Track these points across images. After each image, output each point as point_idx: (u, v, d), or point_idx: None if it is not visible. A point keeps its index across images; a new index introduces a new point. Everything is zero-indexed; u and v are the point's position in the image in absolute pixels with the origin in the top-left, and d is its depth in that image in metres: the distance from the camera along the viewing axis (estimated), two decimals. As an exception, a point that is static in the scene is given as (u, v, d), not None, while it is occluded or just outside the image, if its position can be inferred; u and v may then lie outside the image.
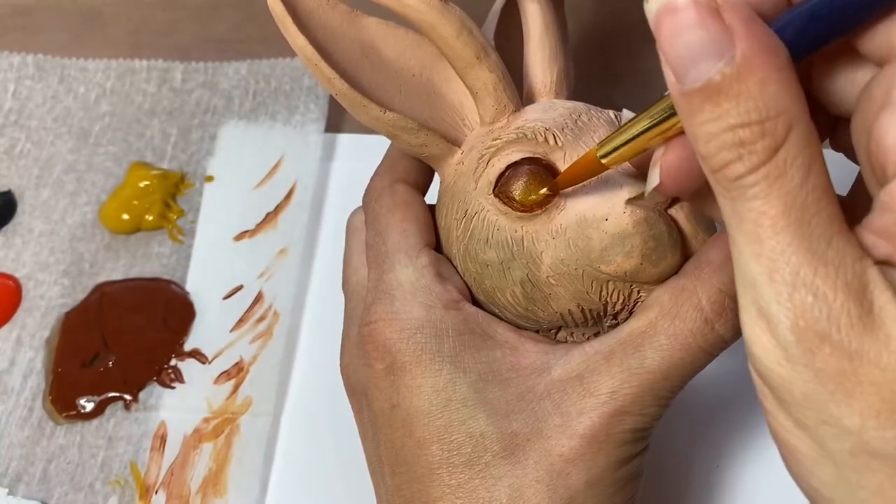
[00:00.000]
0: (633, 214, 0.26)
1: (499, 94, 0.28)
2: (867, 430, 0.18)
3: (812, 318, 0.18)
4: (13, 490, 0.38)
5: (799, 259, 0.18)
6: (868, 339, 0.18)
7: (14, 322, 0.42)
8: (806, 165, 0.18)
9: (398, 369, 0.27)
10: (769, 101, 0.18)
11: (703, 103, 0.18)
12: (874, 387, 0.18)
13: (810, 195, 0.18)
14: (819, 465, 0.19)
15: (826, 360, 0.18)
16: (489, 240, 0.27)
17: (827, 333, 0.18)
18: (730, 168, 0.18)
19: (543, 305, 0.28)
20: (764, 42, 0.18)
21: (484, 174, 0.28)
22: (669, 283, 0.27)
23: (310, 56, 0.27)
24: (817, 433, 0.19)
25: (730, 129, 0.18)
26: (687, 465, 0.37)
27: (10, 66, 0.49)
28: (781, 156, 0.18)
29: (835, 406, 0.18)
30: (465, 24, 0.28)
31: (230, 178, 0.46)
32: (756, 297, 0.19)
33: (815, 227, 0.18)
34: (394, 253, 0.29)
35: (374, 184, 0.32)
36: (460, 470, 0.26)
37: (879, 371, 0.18)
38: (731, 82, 0.18)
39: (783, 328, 0.18)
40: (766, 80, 0.18)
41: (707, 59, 0.18)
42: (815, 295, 0.18)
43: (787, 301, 0.18)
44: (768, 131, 0.18)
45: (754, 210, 0.18)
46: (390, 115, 0.28)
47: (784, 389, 0.19)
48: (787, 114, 0.18)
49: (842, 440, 0.18)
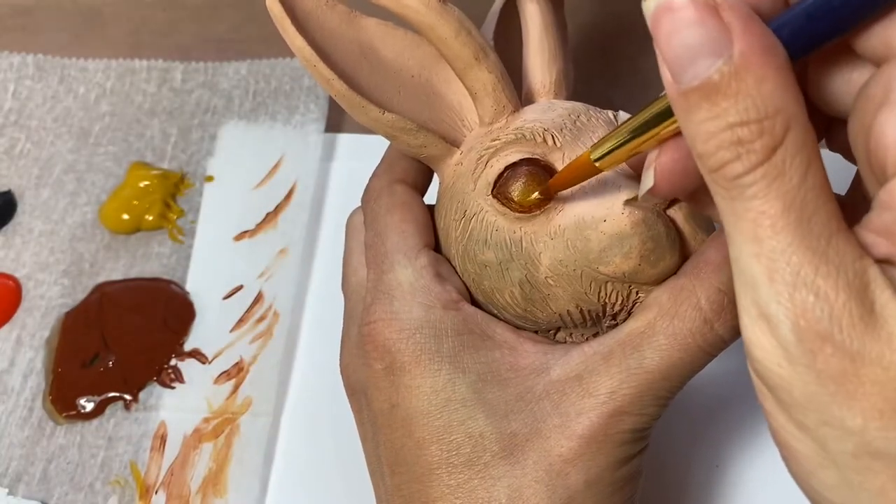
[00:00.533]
0: (631, 215, 0.26)
1: (497, 94, 0.28)
2: (869, 431, 0.18)
3: (813, 318, 0.18)
4: (13, 490, 0.38)
5: (799, 258, 0.18)
6: (870, 339, 0.18)
7: (14, 322, 0.42)
8: (804, 164, 0.18)
9: (397, 369, 0.27)
10: (767, 100, 0.18)
11: (701, 102, 0.18)
12: (877, 387, 0.18)
13: (809, 194, 0.18)
14: (821, 466, 0.19)
15: (827, 361, 0.18)
16: (488, 241, 0.27)
17: (829, 333, 0.18)
18: (728, 167, 0.18)
19: (542, 306, 0.28)
20: (762, 41, 0.18)
21: (482, 175, 0.28)
22: (668, 283, 0.27)
23: (308, 57, 0.27)
24: (819, 435, 0.19)
25: (728, 128, 0.18)
26: (687, 465, 0.37)
27: (10, 66, 0.49)
28: (780, 155, 0.18)
29: (836, 407, 0.18)
30: (464, 25, 0.27)
31: (230, 178, 0.46)
32: (756, 298, 0.19)
33: (815, 225, 0.18)
34: (393, 253, 0.29)
35: (373, 184, 0.31)
36: (459, 470, 0.26)
37: (882, 371, 0.18)
38: (729, 81, 0.18)
39: (784, 329, 0.18)
40: (764, 79, 0.18)
41: (705, 57, 0.18)
42: (816, 294, 0.18)
43: (787, 301, 0.18)
44: (766, 130, 0.18)
45: (753, 210, 0.18)
46: (389, 116, 0.28)
47: (784, 391, 0.19)
48: (785, 112, 0.18)
49: (844, 441, 0.18)
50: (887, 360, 0.18)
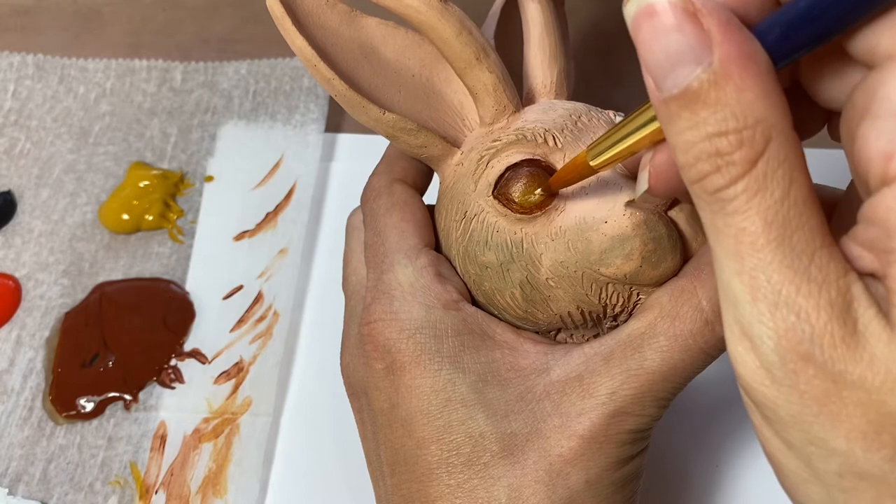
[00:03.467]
0: (632, 217, 0.26)
1: (498, 94, 0.28)
2: (854, 452, 0.18)
3: (795, 339, 0.17)
4: (13, 490, 0.38)
5: (780, 277, 0.18)
6: (852, 361, 0.17)
7: (14, 322, 0.42)
8: (787, 178, 0.18)
9: (398, 369, 0.27)
10: (747, 110, 0.17)
11: (681, 111, 0.18)
12: (859, 408, 0.17)
13: (792, 209, 0.18)
14: (807, 483, 0.19)
15: (810, 382, 0.18)
16: (488, 242, 0.27)
17: (810, 354, 0.17)
18: (708, 180, 0.18)
19: (543, 307, 0.28)
20: (742, 48, 0.17)
21: (483, 176, 0.28)
22: (669, 284, 0.26)
23: (309, 57, 0.27)
24: (804, 453, 0.18)
25: (707, 139, 0.18)
26: (687, 465, 0.37)
27: (10, 66, 0.49)
28: (760, 168, 0.17)
29: (820, 428, 0.18)
30: (465, 25, 0.27)
31: (230, 178, 0.46)
32: (738, 316, 0.18)
33: (798, 242, 0.18)
34: (393, 253, 0.29)
35: (372, 183, 0.31)
36: (459, 470, 0.26)
37: (864, 393, 0.17)
38: (707, 89, 0.17)
39: (766, 349, 0.18)
40: (744, 88, 0.17)
41: (685, 65, 0.17)
42: (797, 314, 0.17)
43: (769, 321, 0.18)
44: (746, 141, 0.17)
45: (734, 226, 0.18)
46: (389, 116, 0.28)
47: (769, 409, 0.18)
48: (766, 123, 0.17)
49: (828, 461, 0.18)
50: (869, 382, 0.17)
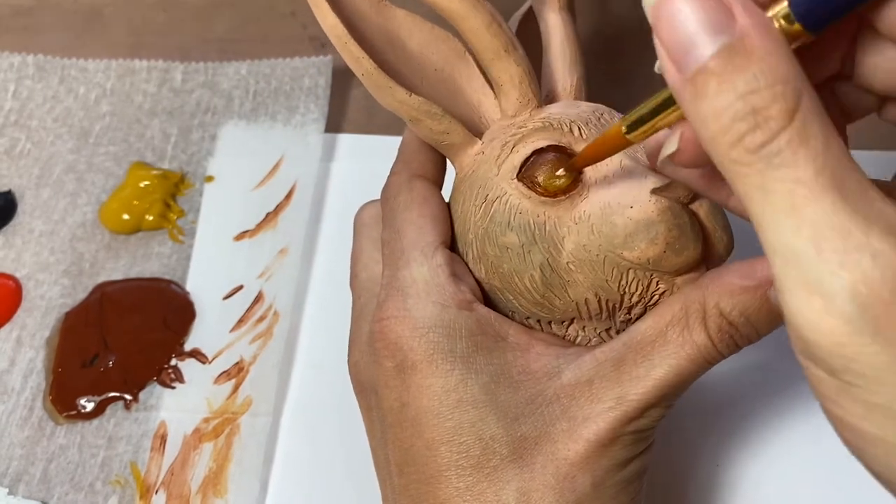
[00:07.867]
0: (658, 203, 0.26)
1: (524, 87, 0.29)
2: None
3: (874, 283, 0.16)
4: (13, 490, 0.38)
5: (846, 221, 0.17)
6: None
7: (14, 322, 0.42)
8: (824, 130, 0.17)
9: (409, 368, 0.27)
10: (775, 69, 0.17)
11: (708, 80, 0.18)
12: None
13: (837, 158, 0.17)
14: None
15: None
16: (510, 223, 0.27)
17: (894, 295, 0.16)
18: (748, 138, 0.17)
19: (560, 292, 0.28)
20: (762, 19, 0.18)
21: (508, 160, 0.28)
22: (684, 292, 0.26)
23: (340, 34, 0.28)
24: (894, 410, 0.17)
25: (740, 98, 0.17)
26: (687, 465, 0.37)
27: (10, 66, 0.49)
28: (799, 120, 0.17)
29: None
30: (495, 17, 0.28)
31: (230, 178, 0.46)
32: (803, 275, 0.17)
33: (852, 186, 0.17)
34: (409, 250, 0.28)
35: (392, 181, 0.31)
36: (469, 472, 0.26)
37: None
38: (734, 54, 0.17)
39: (841, 300, 0.17)
40: (769, 51, 0.17)
41: (708, 36, 0.18)
42: (874, 256, 0.16)
43: (840, 270, 0.17)
44: (779, 96, 0.17)
45: (785, 178, 0.17)
46: (416, 98, 0.28)
47: (849, 371, 0.17)
48: (794, 82, 0.17)
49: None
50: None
